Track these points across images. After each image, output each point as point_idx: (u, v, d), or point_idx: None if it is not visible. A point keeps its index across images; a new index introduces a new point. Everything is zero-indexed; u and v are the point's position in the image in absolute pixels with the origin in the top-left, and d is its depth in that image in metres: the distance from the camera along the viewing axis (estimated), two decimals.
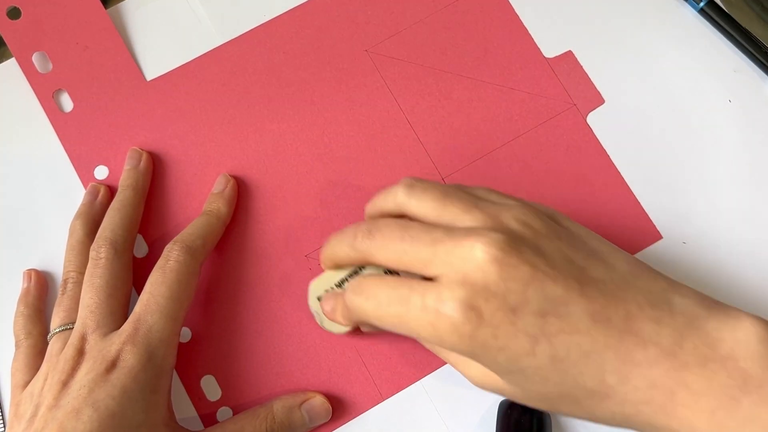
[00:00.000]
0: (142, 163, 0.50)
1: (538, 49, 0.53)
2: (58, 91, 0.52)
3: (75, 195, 0.51)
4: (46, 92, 0.52)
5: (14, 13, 0.53)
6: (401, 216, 0.42)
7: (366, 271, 0.44)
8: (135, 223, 0.49)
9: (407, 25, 0.53)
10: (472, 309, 0.36)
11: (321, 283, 0.45)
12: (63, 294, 0.47)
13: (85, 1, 0.53)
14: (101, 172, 0.51)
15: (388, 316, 0.38)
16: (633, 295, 0.38)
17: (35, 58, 0.53)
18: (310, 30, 0.53)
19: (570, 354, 0.36)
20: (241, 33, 0.53)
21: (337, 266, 0.44)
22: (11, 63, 0.53)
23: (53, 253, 0.50)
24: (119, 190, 0.50)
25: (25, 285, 0.49)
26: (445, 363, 0.48)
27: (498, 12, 0.53)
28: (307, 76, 0.53)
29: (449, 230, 0.38)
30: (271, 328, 0.49)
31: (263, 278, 0.50)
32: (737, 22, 0.52)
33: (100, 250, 0.46)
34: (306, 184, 0.51)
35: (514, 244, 0.37)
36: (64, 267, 0.48)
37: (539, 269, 0.36)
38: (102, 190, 0.50)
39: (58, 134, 0.52)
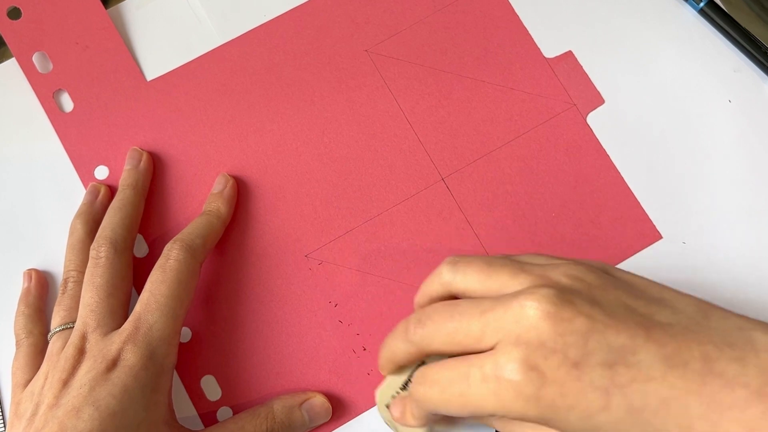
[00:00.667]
0: (143, 163, 0.51)
1: (538, 49, 0.54)
2: (59, 91, 0.53)
3: (75, 195, 0.52)
4: (46, 92, 0.53)
5: (15, 13, 0.54)
6: (450, 298, 0.41)
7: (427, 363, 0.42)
8: (135, 222, 0.49)
9: (407, 25, 0.54)
10: (532, 369, 0.34)
11: (386, 390, 0.44)
12: (63, 293, 0.48)
13: (86, 1, 0.54)
14: (101, 172, 0.52)
15: (453, 397, 0.37)
16: (708, 336, 0.35)
17: (35, 58, 0.53)
18: (309, 30, 0.54)
19: (648, 403, 0.34)
20: (241, 33, 0.54)
21: (397, 366, 0.43)
22: (11, 63, 0.54)
23: (53, 252, 0.51)
24: (119, 189, 0.50)
25: (26, 285, 0.50)
26: None
27: (498, 12, 0.54)
28: (307, 76, 0.53)
29: (497, 298, 0.37)
30: (271, 327, 0.50)
31: (263, 278, 0.50)
32: (737, 22, 0.53)
33: (100, 249, 0.47)
34: (306, 184, 0.52)
35: (566, 297, 0.35)
36: (65, 266, 0.49)
37: (597, 320, 0.35)
38: (102, 190, 0.51)
39: (58, 134, 0.53)
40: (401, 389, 0.44)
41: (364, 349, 0.49)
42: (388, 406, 0.44)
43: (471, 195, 0.52)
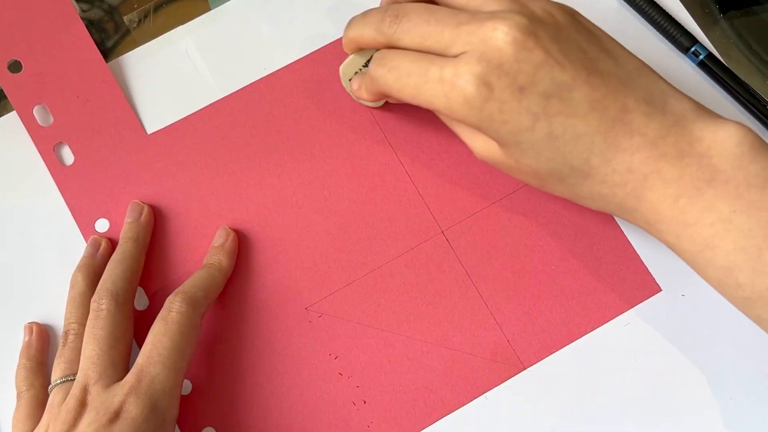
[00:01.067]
0: (143, 216, 0.54)
1: None
2: (59, 144, 0.56)
3: (76, 248, 0.55)
4: (46, 145, 0.56)
5: (15, 67, 0.57)
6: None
7: None
8: (136, 275, 0.52)
9: None
10: (484, 84, 0.43)
11: (349, 66, 0.53)
12: (64, 346, 0.50)
13: (86, 54, 0.58)
14: (102, 225, 0.55)
15: (407, 86, 0.46)
16: (633, 91, 0.44)
17: (36, 112, 0.57)
18: (310, 84, 0.57)
19: (565, 134, 0.44)
20: (241, 87, 0.57)
21: (360, 49, 0.51)
22: (12, 116, 0.57)
23: (54, 305, 0.54)
24: (120, 242, 0.53)
25: (27, 338, 0.53)
26: (447, 414, 0.52)
27: None
28: (307, 130, 0.57)
29: (474, 15, 0.45)
30: (271, 380, 0.52)
31: (263, 330, 0.53)
32: (736, 76, 0.56)
33: (101, 302, 0.50)
34: (306, 237, 0.55)
35: (534, 29, 0.43)
36: (65, 319, 0.51)
37: (552, 56, 0.43)
38: (103, 243, 0.54)
39: (58, 187, 0.56)
40: (363, 67, 0.52)
41: (364, 402, 0.52)
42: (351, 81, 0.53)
43: (470, 247, 0.55)
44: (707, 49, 0.57)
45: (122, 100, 0.57)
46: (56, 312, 0.54)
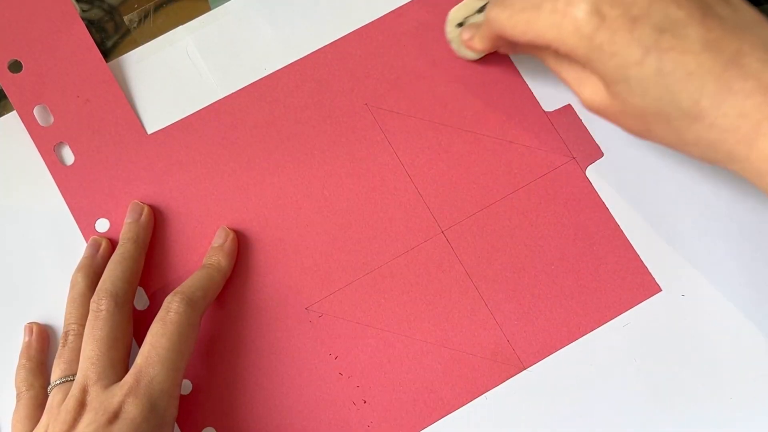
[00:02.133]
0: (143, 217, 0.54)
1: (538, 102, 0.57)
2: (59, 144, 0.57)
3: (76, 248, 0.55)
4: (47, 145, 0.56)
5: (16, 67, 0.58)
6: None
7: None
8: (136, 275, 0.53)
9: (407, 79, 0.58)
10: (596, 13, 0.43)
11: (461, 10, 0.54)
12: (64, 346, 0.51)
13: (86, 54, 0.58)
14: (102, 225, 0.55)
15: (521, 21, 0.46)
16: (751, 38, 0.43)
17: (36, 112, 0.57)
18: (310, 83, 0.58)
19: (675, 71, 0.42)
20: (241, 86, 0.58)
21: None
22: (12, 116, 0.58)
23: (54, 305, 0.54)
24: (120, 242, 0.54)
25: (27, 338, 0.53)
26: (447, 414, 0.53)
27: (497, 66, 0.58)
28: (307, 130, 0.57)
29: None
30: (271, 380, 0.53)
31: (263, 330, 0.54)
32: None
33: (101, 303, 0.50)
34: (306, 237, 0.55)
35: None
36: (65, 319, 0.52)
37: None
38: (103, 244, 0.54)
39: (59, 187, 0.56)
40: (477, 12, 0.53)
41: (364, 402, 0.53)
42: (460, 26, 0.54)
43: (470, 247, 0.55)
44: None
45: (122, 100, 0.58)
46: (56, 312, 0.54)
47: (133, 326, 0.52)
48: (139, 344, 0.51)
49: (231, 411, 0.53)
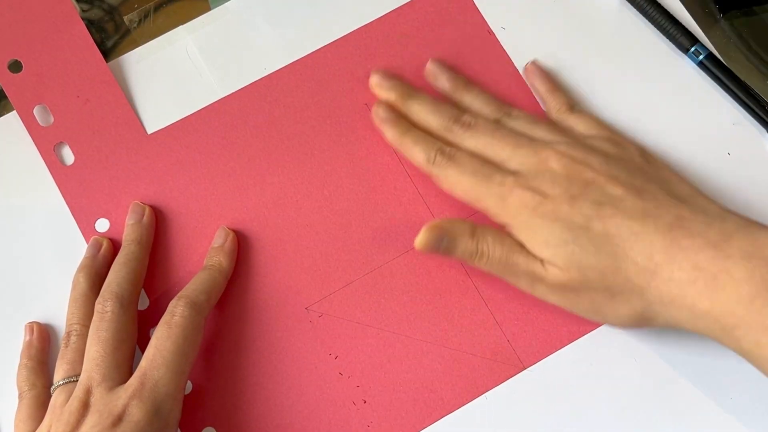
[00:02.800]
0: (146, 218, 0.54)
1: (538, 102, 0.58)
2: (59, 144, 0.57)
3: (76, 248, 0.55)
4: (47, 145, 0.57)
5: (16, 67, 0.58)
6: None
7: None
8: (140, 277, 0.53)
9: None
10: (539, 192, 0.49)
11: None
12: (66, 346, 0.51)
13: (87, 54, 0.58)
14: (102, 225, 0.56)
15: (466, 186, 0.51)
16: (688, 207, 0.47)
17: (36, 112, 0.57)
18: (310, 84, 0.58)
19: (621, 232, 0.47)
20: (241, 86, 0.58)
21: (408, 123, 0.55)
22: (12, 116, 0.58)
23: (54, 305, 0.54)
24: (124, 244, 0.54)
25: (27, 338, 0.53)
26: (447, 414, 0.53)
27: (497, 63, 0.58)
28: (307, 130, 0.57)
29: (532, 140, 0.52)
30: (271, 379, 0.53)
31: (264, 330, 0.54)
32: (736, 76, 0.56)
33: (106, 304, 0.50)
34: (306, 237, 0.55)
35: (584, 158, 0.50)
36: (68, 320, 0.52)
37: (601, 177, 0.49)
38: (105, 244, 0.54)
39: (59, 187, 0.56)
40: None
41: (364, 402, 0.53)
42: None
43: None
44: (707, 49, 0.57)
45: (122, 100, 0.58)
46: (57, 312, 0.54)
47: (137, 328, 0.52)
48: (140, 344, 0.51)
49: (231, 411, 0.53)
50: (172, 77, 0.59)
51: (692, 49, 0.57)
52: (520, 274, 0.50)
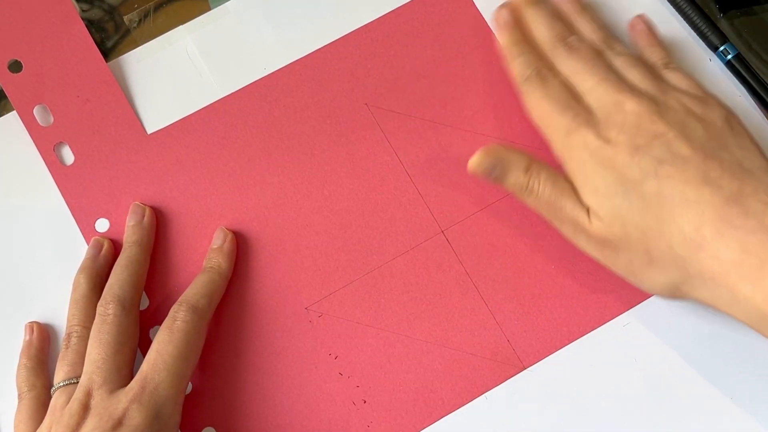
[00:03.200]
0: (146, 219, 0.54)
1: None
2: (59, 144, 0.57)
3: (76, 248, 0.55)
4: (47, 145, 0.57)
5: (16, 67, 0.58)
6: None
7: None
8: (142, 279, 0.53)
9: (407, 79, 0.58)
10: (603, 137, 0.48)
11: None
12: (67, 348, 0.51)
13: (86, 54, 0.58)
14: (102, 225, 0.55)
15: (544, 107, 0.52)
16: (752, 180, 0.45)
17: (36, 111, 0.57)
18: (310, 83, 0.58)
19: (674, 196, 0.45)
20: (241, 86, 0.58)
21: (513, 27, 0.56)
22: (12, 116, 0.58)
23: (54, 305, 0.54)
24: (125, 246, 0.54)
25: (27, 337, 0.53)
26: (447, 414, 0.53)
27: (498, 65, 0.58)
28: (307, 130, 0.57)
29: (620, 80, 0.51)
30: (270, 380, 0.53)
31: (263, 330, 0.54)
32: (762, 79, 0.57)
33: (108, 307, 0.50)
34: (306, 237, 0.55)
35: (661, 111, 0.48)
36: (68, 321, 0.52)
37: (672, 132, 0.47)
38: (105, 244, 0.54)
39: (59, 187, 0.56)
40: None
41: (364, 402, 0.53)
42: None
43: (470, 247, 0.55)
44: (736, 49, 0.57)
45: (122, 100, 0.58)
46: (56, 312, 0.55)
47: (138, 331, 0.52)
48: (141, 347, 0.51)
49: (231, 411, 0.53)
50: (172, 77, 0.59)
51: (721, 48, 0.58)
52: (565, 219, 0.50)
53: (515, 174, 0.51)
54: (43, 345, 0.54)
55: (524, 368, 0.53)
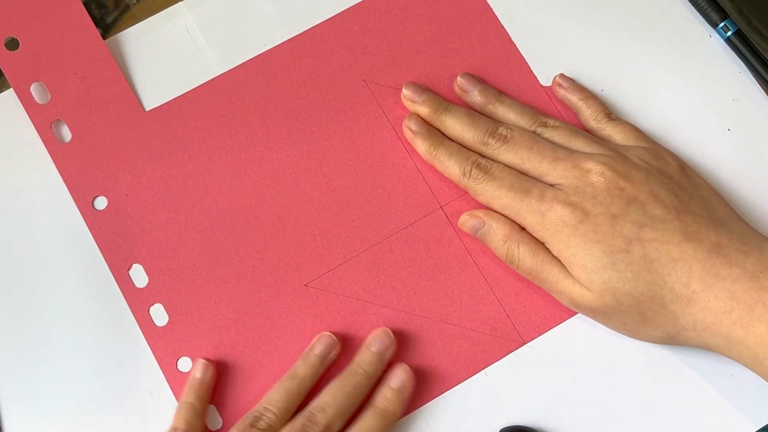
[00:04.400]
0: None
1: (535, 76, 0.58)
2: (57, 121, 0.56)
3: (74, 225, 0.55)
4: (44, 123, 0.56)
5: (12, 44, 0.57)
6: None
7: None
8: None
9: (405, 55, 0.58)
10: (579, 209, 0.48)
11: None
12: (252, 426, 0.48)
13: (84, 31, 0.58)
14: (100, 203, 0.55)
15: (503, 202, 0.51)
16: (727, 233, 0.48)
17: (33, 89, 0.57)
18: (308, 60, 0.58)
19: (660, 258, 0.47)
20: (240, 62, 0.58)
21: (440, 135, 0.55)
22: (9, 94, 0.57)
23: (51, 283, 0.54)
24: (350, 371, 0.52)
25: (199, 375, 0.51)
26: (447, 389, 0.53)
27: (495, 40, 0.58)
28: (306, 106, 0.57)
29: (572, 152, 0.51)
30: (271, 357, 0.53)
31: (263, 308, 0.54)
32: (762, 55, 0.57)
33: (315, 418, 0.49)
34: (305, 213, 0.55)
35: (626, 172, 0.49)
36: (266, 400, 0.50)
37: (643, 194, 0.48)
38: (334, 350, 0.52)
39: (56, 165, 0.56)
40: None
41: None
42: None
43: None
44: (736, 26, 0.58)
45: (120, 78, 0.58)
46: (52, 289, 0.55)
47: None
48: None
49: (231, 389, 0.53)
50: (170, 54, 0.59)
51: (721, 24, 0.58)
52: (552, 289, 0.51)
53: (494, 242, 0.52)
54: (213, 386, 0.52)
55: (524, 343, 0.53)
